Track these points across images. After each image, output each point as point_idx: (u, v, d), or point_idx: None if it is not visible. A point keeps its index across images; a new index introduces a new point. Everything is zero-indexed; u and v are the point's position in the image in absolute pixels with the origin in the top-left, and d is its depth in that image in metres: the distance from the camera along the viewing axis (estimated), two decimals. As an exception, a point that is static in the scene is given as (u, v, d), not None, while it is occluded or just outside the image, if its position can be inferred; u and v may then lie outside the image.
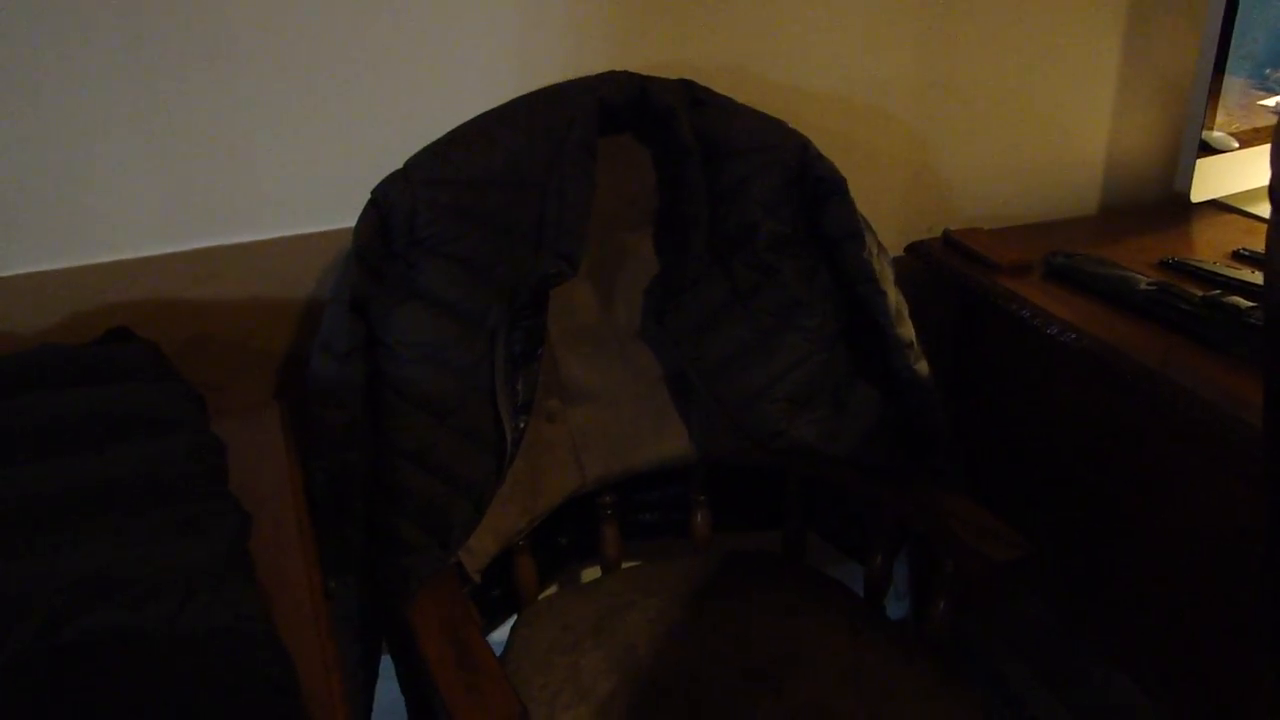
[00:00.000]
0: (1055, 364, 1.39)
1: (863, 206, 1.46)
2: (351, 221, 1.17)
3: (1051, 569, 1.46)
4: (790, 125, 1.26)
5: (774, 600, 1.32)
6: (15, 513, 0.84)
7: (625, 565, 1.45)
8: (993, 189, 1.60)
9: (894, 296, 1.27)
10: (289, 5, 1.17)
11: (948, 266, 1.47)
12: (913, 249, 1.54)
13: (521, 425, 1.18)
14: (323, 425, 1.12)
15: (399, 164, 1.19)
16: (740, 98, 1.35)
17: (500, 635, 1.36)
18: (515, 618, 1.35)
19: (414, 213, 1.15)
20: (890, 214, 1.55)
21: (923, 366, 1.27)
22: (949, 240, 1.51)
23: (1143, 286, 1.31)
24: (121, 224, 1.20)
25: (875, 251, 1.27)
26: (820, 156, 1.24)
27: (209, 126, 1.19)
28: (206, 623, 0.74)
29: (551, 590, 1.49)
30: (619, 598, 1.34)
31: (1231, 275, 1.35)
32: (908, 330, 1.27)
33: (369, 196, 1.16)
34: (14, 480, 0.89)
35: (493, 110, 1.21)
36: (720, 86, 1.35)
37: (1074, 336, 1.27)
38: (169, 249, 1.23)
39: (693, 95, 1.26)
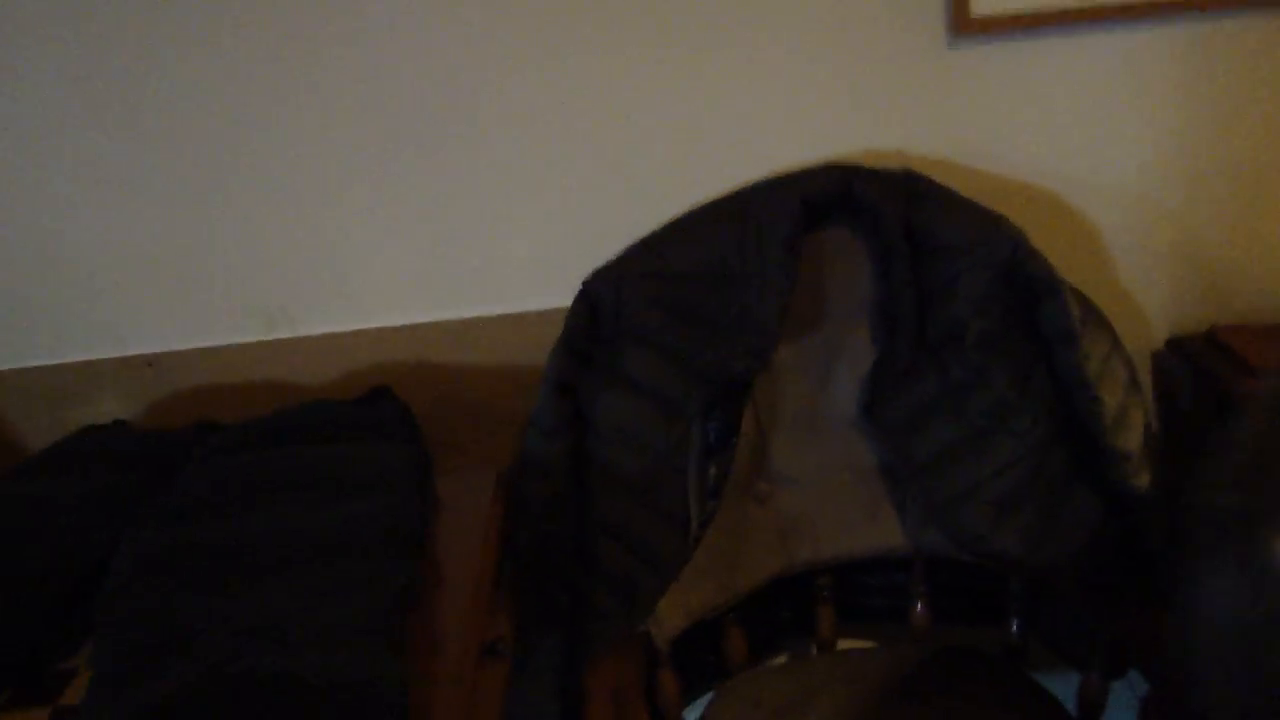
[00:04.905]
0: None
1: (1119, 297, 1.39)
2: (585, 299, 1.27)
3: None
4: (1008, 219, 1.22)
5: (971, 708, 1.28)
6: (229, 555, 1.00)
7: (842, 645, 1.45)
8: (1276, 279, 1.45)
9: (1115, 402, 1.20)
10: (536, 101, 1.30)
11: (1206, 367, 1.36)
12: (1174, 344, 1.43)
13: (710, 508, 1.23)
14: (527, 496, 1.22)
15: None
16: (985, 186, 1.33)
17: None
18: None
19: (621, 303, 1.23)
20: (1153, 304, 1.44)
21: (1142, 480, 1.18)
22: (1212, 337, 1.39)
23: None
24: (387, 296, 1.38)
25: (1100, 354, 1.21)
26: (1033, 254, 1.20)
27: (463, 211, 1.35)
28: (346, 675, 0.86)
29: (777, 661, 1.52)
30: (816, 681, 1.35)
31: None
32: (1127, 440, 1.19)
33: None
34: (243, 527, 1.06)
35: (705, 206, 1.27)
36: (961, 175, 1.34)
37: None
38: (427, 318, 1.40)
39: (912, 188, 1.25)
